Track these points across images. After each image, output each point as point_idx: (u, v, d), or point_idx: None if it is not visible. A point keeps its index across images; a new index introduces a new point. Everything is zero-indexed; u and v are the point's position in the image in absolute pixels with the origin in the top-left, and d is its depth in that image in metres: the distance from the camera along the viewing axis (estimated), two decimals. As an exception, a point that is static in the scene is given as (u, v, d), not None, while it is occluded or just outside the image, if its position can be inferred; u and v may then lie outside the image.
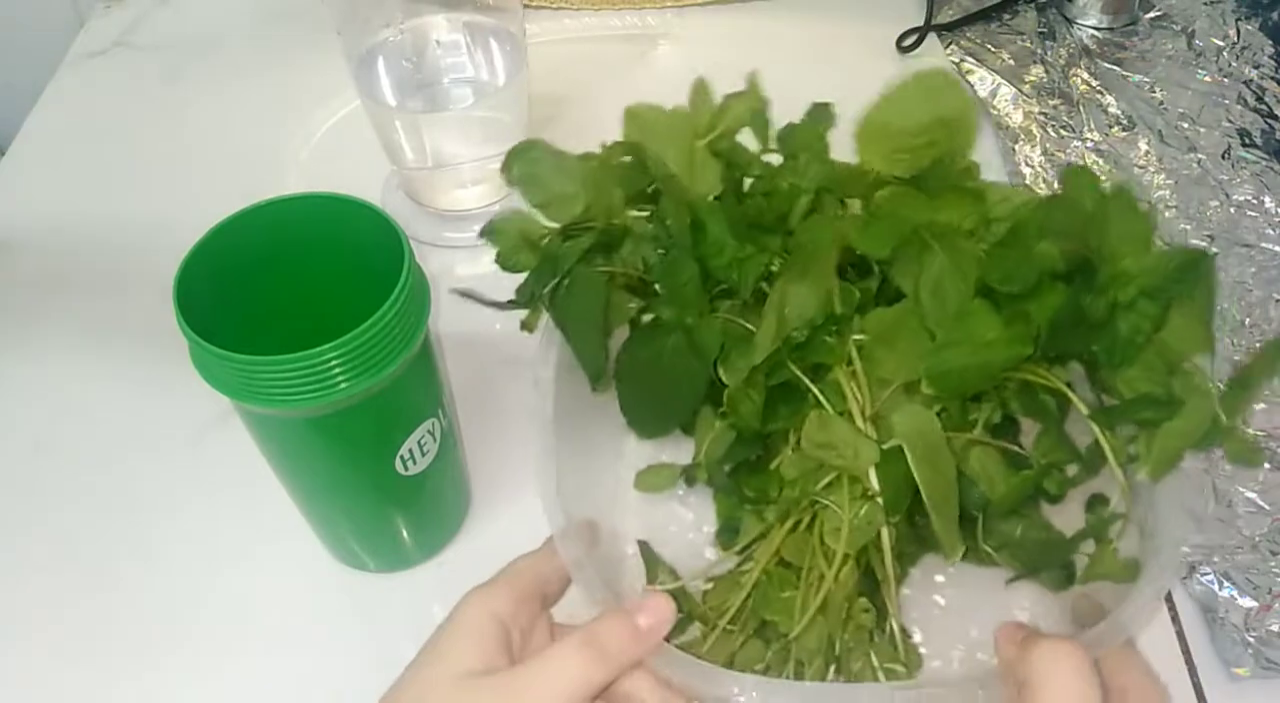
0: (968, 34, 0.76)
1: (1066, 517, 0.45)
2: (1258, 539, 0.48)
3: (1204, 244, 0.61)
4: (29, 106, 0.75)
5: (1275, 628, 0.45)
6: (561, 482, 0.42)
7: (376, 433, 0.42)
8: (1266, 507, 0.49)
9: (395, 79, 0.61)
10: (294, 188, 0.44)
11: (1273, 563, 0.47)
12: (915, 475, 0.40)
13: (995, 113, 0.70)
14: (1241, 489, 0.50)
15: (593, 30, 0.79)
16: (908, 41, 0.75)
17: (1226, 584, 0.47)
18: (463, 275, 0.62)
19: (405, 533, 0.48)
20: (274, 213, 0.42)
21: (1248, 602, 0.46)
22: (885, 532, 0.41)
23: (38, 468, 0.54)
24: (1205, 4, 0.77)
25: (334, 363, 0.37)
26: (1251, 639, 0.45)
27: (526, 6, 0.79)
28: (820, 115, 0.47)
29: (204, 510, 0.52)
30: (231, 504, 0.52)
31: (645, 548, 0.47)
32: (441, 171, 0.62)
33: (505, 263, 0.46)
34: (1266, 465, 0.51)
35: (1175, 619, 0.47)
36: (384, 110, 0.60)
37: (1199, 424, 0.40)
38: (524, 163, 0.45)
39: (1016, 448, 0.44)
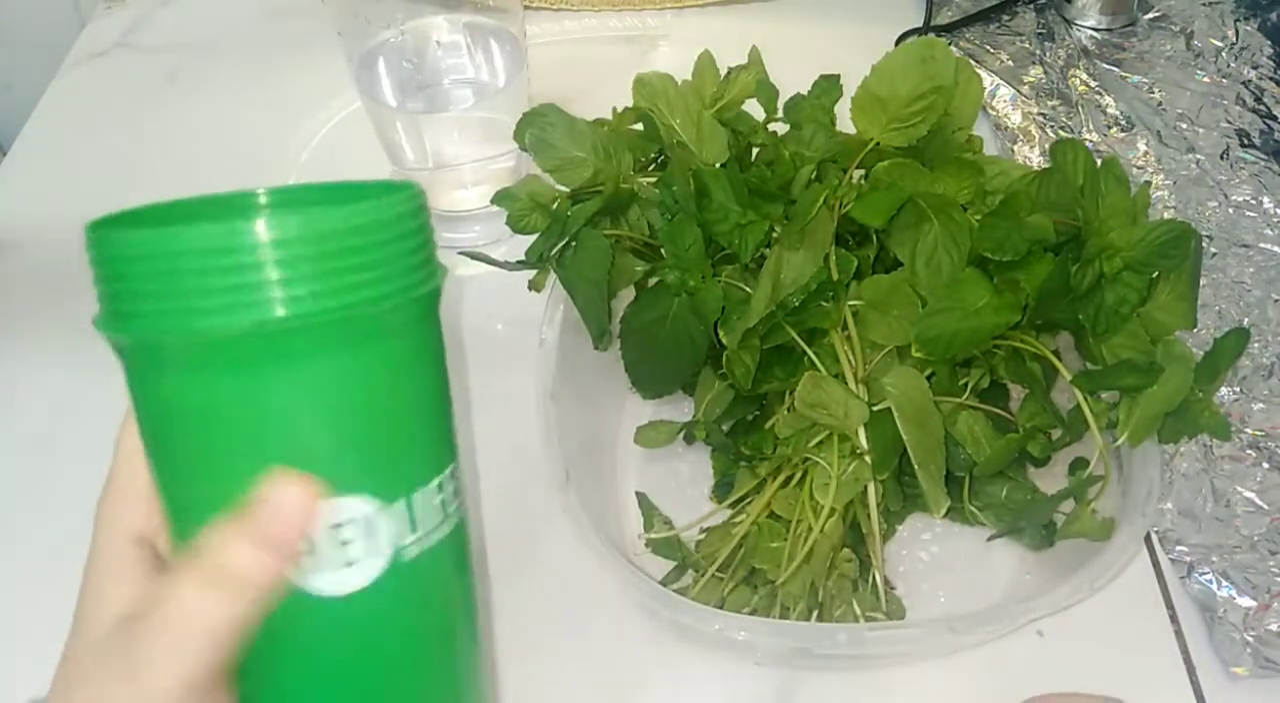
0: (966, 35, 0.76)
1: (1051, 480, 0.47)
2: (1256, 539, 0.48)
3: (1203, 245, 0.61)
4: (30, 107, 0.75)
5: (1274, 627, 0.45)
6: (564, 436, 0.45)
7: (406, 415, 0.27)
8: (1265, 506, 0.49)
9: (396, 80, 0.61)
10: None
11: (1271, 562, 0.47)
12: (903, 435, 0.42)
13: (994, 113, 0.70)
14: (1240, 489, 0.50)
15: (592, 32, 0.79)
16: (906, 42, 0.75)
17: (1225, 584, 0.47)
18: (463, 276, 0.62)
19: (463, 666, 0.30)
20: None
21: (1246, 601, 0.46)
22: (872, 488, 0.44)
23: (38, 468, 0.54)
24: (1204, 5, 0.77)
25: (267, 242, 0.24)
26: (1250, 639, 0.45)
27: (526, 8, 0.79)
28: (827, 87, 0.48)
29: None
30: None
31: (643, 499, 0.50)
32: (442, 172, 0.62)
33: (516, 225, 0.47)
34: (1265, 465, 0.51)
35: (1174, 619, 0.47)
36: (384, 111, 0.60)
37: (1178, 391, 0.42)
38: (536, 127, 0.47)
39: (1004, 413, 0.46)
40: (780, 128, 0.49)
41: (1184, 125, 0.68)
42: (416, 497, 0.27)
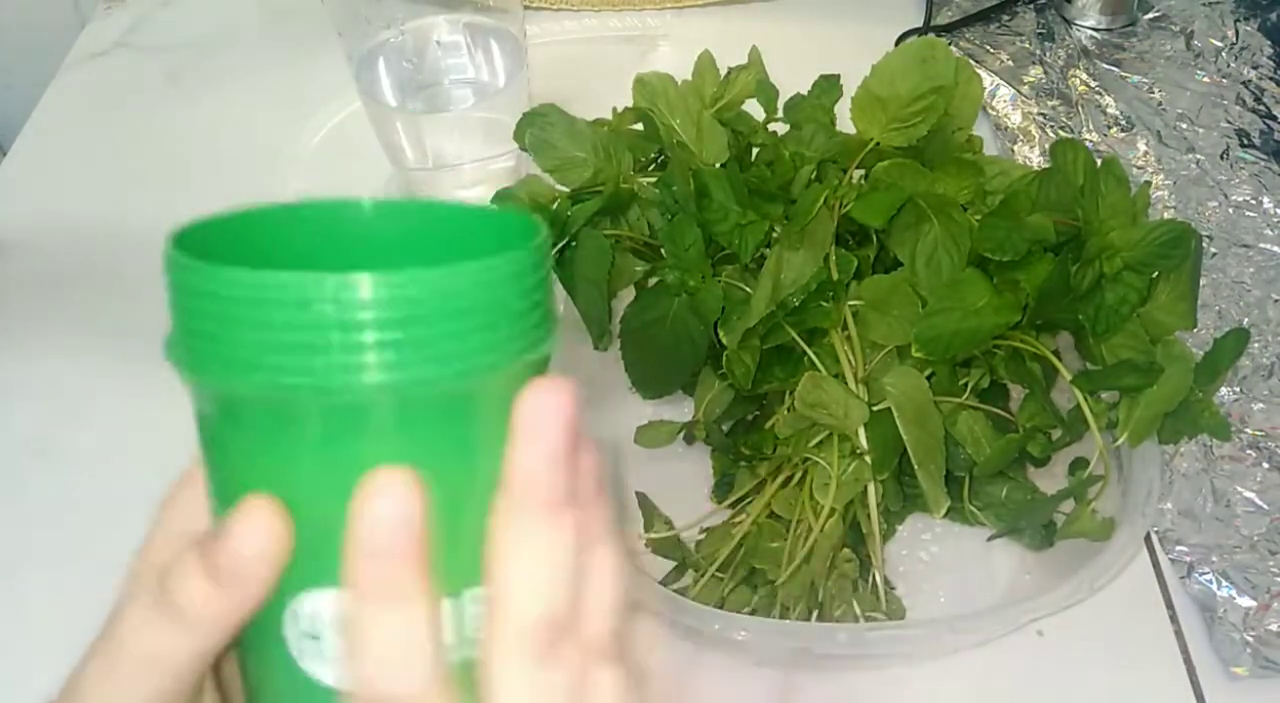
0: (967, 35, 0.76)
1: (1051, 480, 0.48)
2: (1256, 539, 0.48)
3: (1203, 245, 0.61)
4: (30, 107, 0.75)
5: (1273, 627, 0.45)
6: None
7: (456, 519, 0.23)
8: (1265, 506, 0.49)
9: (396, 80, 0.61)
10: (295, 189, 0.44)
11: (1271, 562, 0.47)
12: (903, 435, 0.42)
13: (994, 113, 0.70)
14: (1240, 489, 0.50)
15: (592, 31, 0.79)
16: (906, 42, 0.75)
17: (1225, 584, 0.47)
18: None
19: None
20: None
21: (1246, 601, 0.46)
22: (872, 488, 0.43)
23: (36, 469, 0.54)
24: (1204, 5, 0.77)
25: (367, 315, 0.21)
26: (1250, 639, 0.45)
27: (526, 7, 0.79)
28: (827, 87, 0.48)
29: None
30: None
31: (643, 499, 0.49)
32: (442, 172, 0.62)
33: None
34: (1265, 465, 0.51)
35: (1174, 619, 0.47)
36: (385, 111, 0.60)
37: (1178, 391, 0.42)
38: (536, 127, 0.47)
39: (1004, 413, 0.46)
40: (780, 128, 0.49)
41: (1184, 125, 0.68)
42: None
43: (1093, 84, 0.72)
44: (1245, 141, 0.67)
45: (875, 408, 0.43)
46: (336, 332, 0.21)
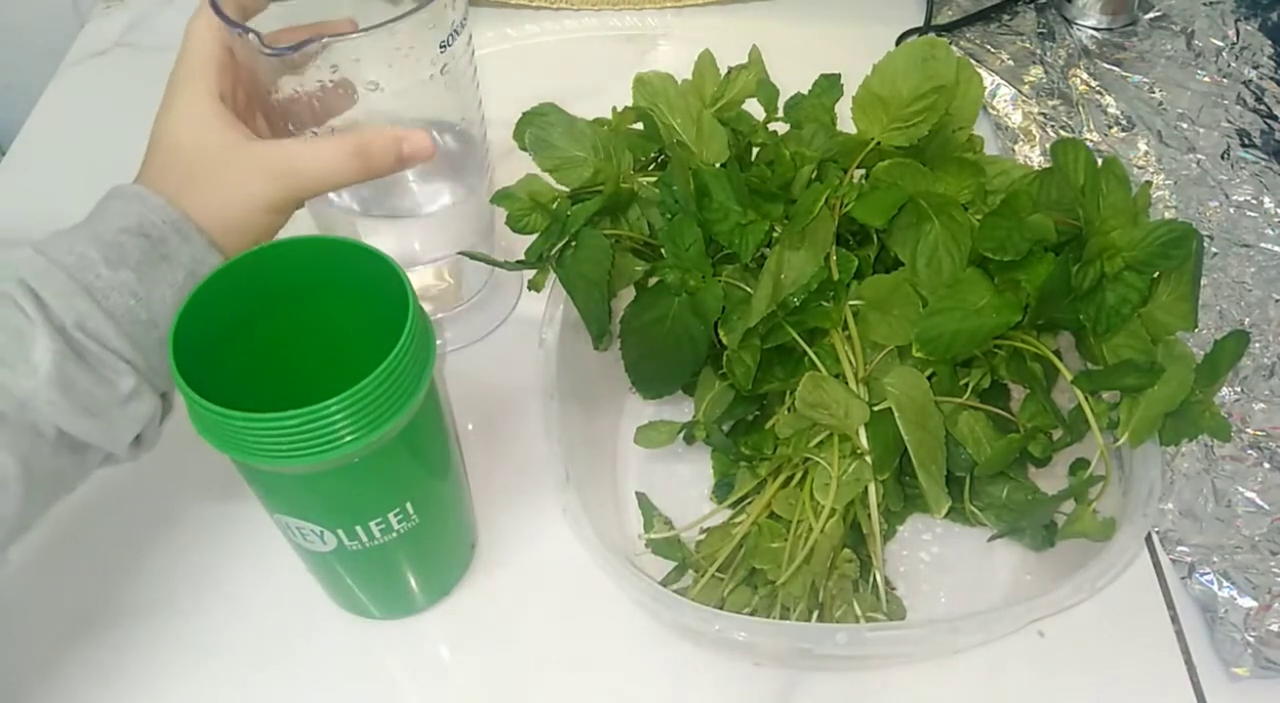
0: (967, 34, 0.76)
1: (1052, 480, 0.48)
2: (1257, 539, 0.48)
3: (1204, 245, 0.61)
4: (30, 107, 0.75)
5: (1274, 628, 0.45)
6: (564, 436, 0.45)
7: (379, 490, 0.40)
8: (1266, 507, 0.49)
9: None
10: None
11: (1272, 563, 0.47)
12: (904, 435, 0.42)
13: (994, 113, 0.70)
14: (1241, 489, 0.50)
15: (593, 30, 0.79)
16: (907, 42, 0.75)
17: (1226, 584, 0.47)
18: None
19: (408, 580, 0.46)
20: (274, 255, 0.40)
21: (1247, 601, 0.46)
22: (872, 488, 0.43)
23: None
24: (1205, 4, 0.77)
25: (339, 418, 0.35)
26: (1251, 639, 0.45)
27: (528, 7, 0.79)
28: (827, 87, 0.48)
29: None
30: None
31: (643, 499, 0.49)
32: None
33: (515, 224, 0.47)
34: (1266, 465, 0.51)
35: (1175, 619, 0.47)
36: (334, 213, 0.52)
37: (1179, 392, 0.42)
38: (536, 127, 0.47)
39: (1004, 413, 0.46)
40: (780, 127, 0.49)
41: (1185, 125, 0.68)
42: (356, 527, 0.41)
43: (1093, 84, 0.72)
44: (1246, 141, 0.67)
45: (876, 408, 0.43)
46: (317, 432, 0.35)
